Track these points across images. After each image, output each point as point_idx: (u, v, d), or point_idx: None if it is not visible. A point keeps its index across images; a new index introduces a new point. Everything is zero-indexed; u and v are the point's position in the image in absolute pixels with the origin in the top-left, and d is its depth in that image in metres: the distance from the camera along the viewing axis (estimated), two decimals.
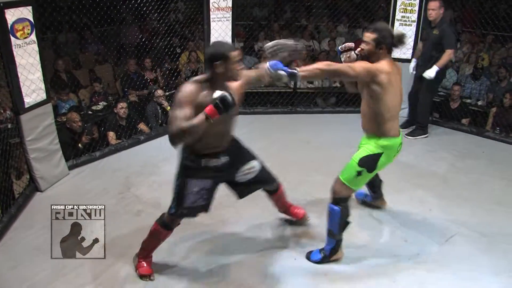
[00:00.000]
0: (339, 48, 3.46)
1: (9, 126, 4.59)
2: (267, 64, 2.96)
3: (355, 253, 3.63)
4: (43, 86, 4.44)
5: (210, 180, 3.16)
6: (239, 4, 6.34)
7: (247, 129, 6.00)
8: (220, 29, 6.15)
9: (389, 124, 3.32)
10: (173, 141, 2.77)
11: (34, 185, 4.52)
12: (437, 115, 6.59)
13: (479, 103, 7.09)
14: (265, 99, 7.28)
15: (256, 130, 5.38)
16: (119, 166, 5.13)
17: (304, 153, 4.39)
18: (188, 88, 2.83)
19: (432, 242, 3.80)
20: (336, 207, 3.37)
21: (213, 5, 6.01)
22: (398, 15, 6.27)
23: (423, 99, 5.87)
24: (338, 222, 3.38)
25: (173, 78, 7.30)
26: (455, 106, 6.56)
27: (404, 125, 6.15)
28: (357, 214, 4.16)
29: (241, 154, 3.36)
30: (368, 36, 3.25)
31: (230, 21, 6.20)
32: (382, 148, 3.33)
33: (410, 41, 6.07)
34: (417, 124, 6.06)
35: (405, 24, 6.18)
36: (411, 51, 6.20)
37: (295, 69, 2.98)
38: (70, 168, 4.95)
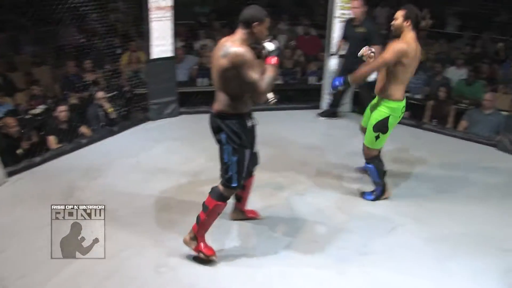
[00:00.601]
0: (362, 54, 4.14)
1: None
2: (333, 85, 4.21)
3: (302, 247, 3.69)
4: None
5: (252, 147, 3.46)
6: (179, 3, 6.28)
7: (190, 129, 5.97)
8: (161, 28, 6.07)
9: (399, 86, 3.93)
10: (263, 96, 3.15)
11: None
12: None
13: (417, 96, 7.34)
14: (208, 98, 7.19)
15: (200, 130, 5.33)
16: (61, 171, 4.96)
17: None
18: (244, 49, 3.01)
19: (377, 233, 3.92)
20: (370, 165, 4.21)
21: (152, 5, 5.92)
22: (337, 13, 6.41)
23: (363, 92, 6.12)
24: (377, 174, 4.22)
25: (114, 79, 7.15)
26: None
27: (324, 114, 6.65)
28: (303, 209, 4.23)
29: None
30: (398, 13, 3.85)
31: (171, 20, 6.14)
32: (389, 109, 3.98)
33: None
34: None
35: (343, 21, 6.29)
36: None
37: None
38: (9, 174, 4.74)
